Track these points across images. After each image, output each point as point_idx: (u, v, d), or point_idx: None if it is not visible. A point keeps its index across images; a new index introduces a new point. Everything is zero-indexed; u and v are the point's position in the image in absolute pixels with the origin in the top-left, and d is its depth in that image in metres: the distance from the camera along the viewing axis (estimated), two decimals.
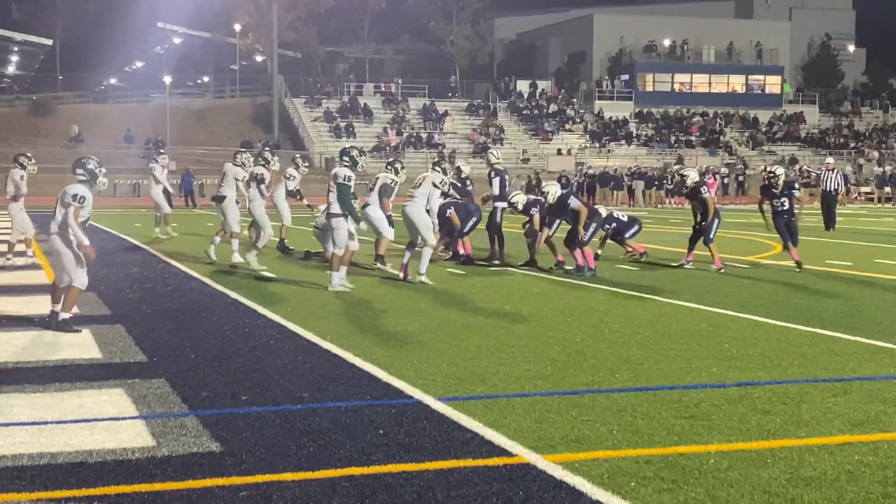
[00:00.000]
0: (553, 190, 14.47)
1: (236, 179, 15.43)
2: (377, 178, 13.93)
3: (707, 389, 7.06)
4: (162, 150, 22.59)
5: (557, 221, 14.66)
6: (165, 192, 21.08)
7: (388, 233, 13.80)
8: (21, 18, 70.98)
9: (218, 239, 15.74)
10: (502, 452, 5.48)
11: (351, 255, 12.90)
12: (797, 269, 14.60)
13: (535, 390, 6.98)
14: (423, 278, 13.02)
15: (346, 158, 12.48)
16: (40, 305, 10.84)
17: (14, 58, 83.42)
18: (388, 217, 13.84)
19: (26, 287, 12.68)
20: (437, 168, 14.50)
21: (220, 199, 15.55)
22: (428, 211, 13.46)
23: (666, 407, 6.52)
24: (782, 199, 14.81)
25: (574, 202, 14.38)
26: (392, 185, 13.88)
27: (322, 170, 49.52)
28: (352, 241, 12.65)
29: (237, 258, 15.04)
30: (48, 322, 9.42)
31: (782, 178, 14.94)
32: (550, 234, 14.69)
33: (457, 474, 5.09)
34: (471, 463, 5.28)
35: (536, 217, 14.85)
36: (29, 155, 16.09)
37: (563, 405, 6.54)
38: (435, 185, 13.58)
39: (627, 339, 9.07)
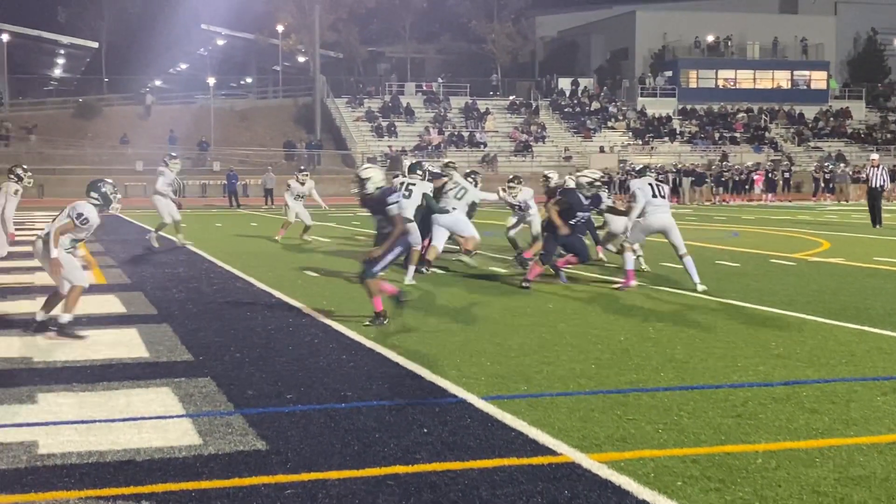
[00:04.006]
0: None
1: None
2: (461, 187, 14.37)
3: (754, 388, 6.98)
4: (174, 154, 20.73)
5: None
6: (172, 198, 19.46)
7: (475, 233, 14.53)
8: (67, 21, 72.00)
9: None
10: (547, 451, 5.45)
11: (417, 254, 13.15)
12: None
13: (580, 389, 6.95)
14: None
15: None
16: (89, 305, 10.98)
17: (61, 60, 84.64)
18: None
19: None
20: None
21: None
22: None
23: (712, 406, 6.46)
24: None
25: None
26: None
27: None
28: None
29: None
30: (36, 328, 9.20)
31: None
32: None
33: (501, 473, 5.08)
34: (515, 462, 5.26)
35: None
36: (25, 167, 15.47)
37: (607, 404, 6.50)
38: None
39: (672, 337, 9.00)
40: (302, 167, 24.69)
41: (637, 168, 14.90)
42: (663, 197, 12.78)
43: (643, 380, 7.27)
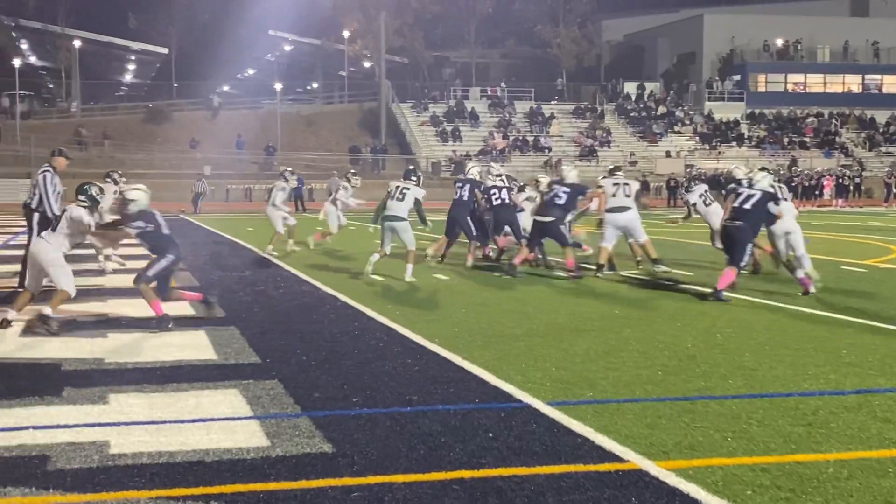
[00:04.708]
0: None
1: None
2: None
3: (825, 396, 6.87)
4: (290, 170, 21.05)
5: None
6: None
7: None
8: (138, 28, 73.24)
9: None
10: (614, 458, 5.41)
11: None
12: None
13: (646, 395, 6.89)
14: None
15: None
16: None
17: (131, 66, 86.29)
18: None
19: (139, 291, 12.98)
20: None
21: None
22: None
23: (782, 414, 6.36)
24: None
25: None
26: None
27: (431, 174, 49.76)
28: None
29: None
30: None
31: None
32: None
33: (568, 480, 5.05)
34: (582, 468, 5.23)
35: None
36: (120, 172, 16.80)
37: (674, 411, 6.44)
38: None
39: (740, 344, 8.88)
40: (353, 170, 24.73)
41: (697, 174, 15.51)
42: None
43: (711, 387, 7.18)
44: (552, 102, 65.16)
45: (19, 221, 21.92)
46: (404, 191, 14.36)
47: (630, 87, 67.20)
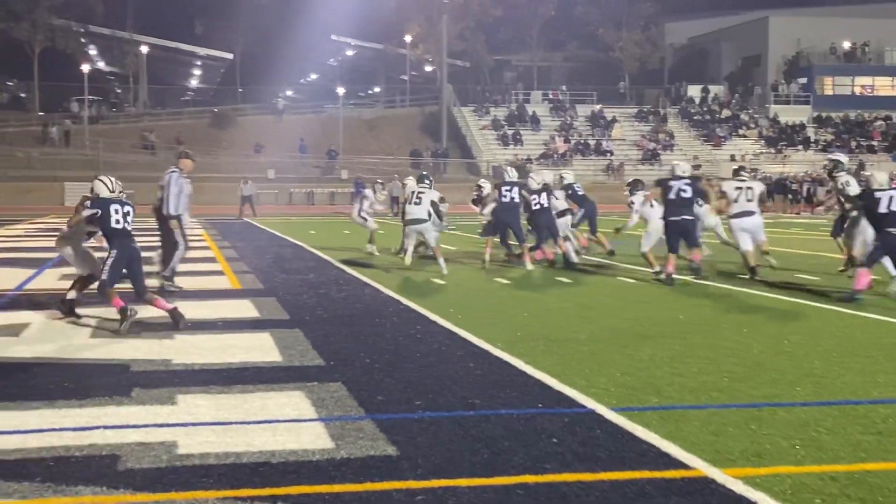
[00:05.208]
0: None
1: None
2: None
3: (895, 405, 6.73)
4: (381, 182, 21.90)
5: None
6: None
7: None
8: (203, 34, 74.21)
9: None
10: (679, 465, 5.36)
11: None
12: None
13: (712, 402, 6.81)
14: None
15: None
16: (224, 309, 11.30)
17: (197, 71, 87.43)
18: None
19: (211, 292, 13.19)
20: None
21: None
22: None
23: (851, 422, 6.26)
24: None
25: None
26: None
27: (492, 178, 49.74)
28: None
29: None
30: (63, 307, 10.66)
31: None
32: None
33: (633, 486, 5.01)
34: (647, 475, 5.19)
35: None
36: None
37: (741, 418, 6.36)
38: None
39: (809, 351, 8.75)
40: (380, 181, 24.74)
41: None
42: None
43: (778, 394, 7.08)
44: (615, 105, 64.76)
45: None
46: (420, 195, 15.76)
47: (694, 91, 66.56)
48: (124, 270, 10.12)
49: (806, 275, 14.46)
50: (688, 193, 13.90)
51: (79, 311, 10.62)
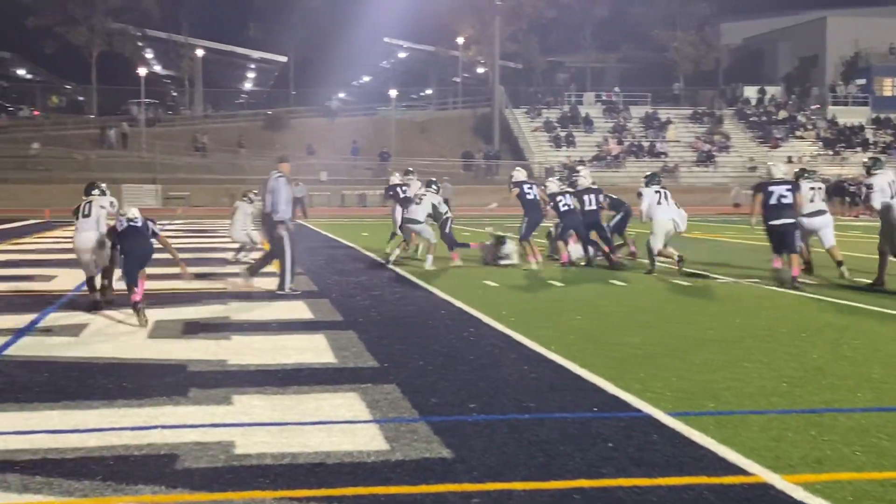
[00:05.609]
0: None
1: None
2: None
3: None
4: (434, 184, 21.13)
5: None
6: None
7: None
8: (257, 37, 74.79)
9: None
10: (738, 471, 5.29)
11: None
12: None
13: (771, 408, 6.72)
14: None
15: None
16: (278, 311, 11.38)
17: (251, 74, 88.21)
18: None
19: (265, 294, 13.27)
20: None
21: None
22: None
23: None
24: None
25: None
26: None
27: (542, 179, 49.56)
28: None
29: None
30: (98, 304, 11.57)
31: None
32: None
33: (690, 491, 4.96)
34: (705, 480, 5.13)
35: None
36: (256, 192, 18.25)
37: (801, 424, 6.26)
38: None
39: (869, 356, 8.60)
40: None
41: None
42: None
43: (838, 400, 6.97)
44: (669, 107, 64.24)
45: None
46: (422, 197, 17.10)
47: (750, 91, 65.81)
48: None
49: (865, 278, 14.21)
50: (788, 199, 13.67)
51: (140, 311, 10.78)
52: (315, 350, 8.90)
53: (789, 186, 13.81)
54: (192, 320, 10.62)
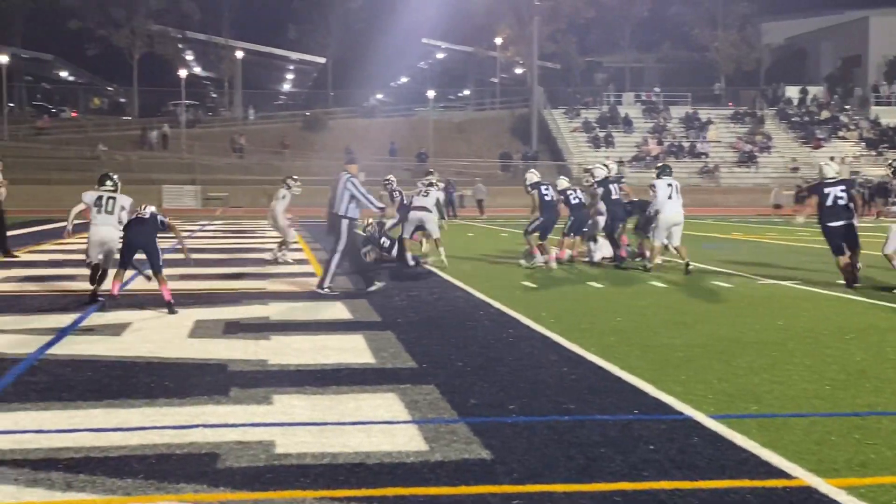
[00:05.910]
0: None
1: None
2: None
3: None
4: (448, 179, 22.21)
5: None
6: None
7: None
8: (296, 38, 75.26)
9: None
10: (781, 474, 5.24)
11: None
12: None
13: (814, 411, 6.64)
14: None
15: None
16: (317, 311, 11.42)
17: (290, 76, 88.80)
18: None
19: (304, 294, 13.32)
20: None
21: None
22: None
23: None
24: None
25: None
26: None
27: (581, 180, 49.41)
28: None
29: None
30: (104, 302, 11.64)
31: None
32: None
33: (733, 495, 4.91)
34: (748, 484, 5.08)
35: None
36: (295, 177, 18.66)
37: (844, 427, 6.19)
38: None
39: None
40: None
41: None
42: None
43: (883, 403, 6.88)
44: (709, 107, 63.79)
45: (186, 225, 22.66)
46: (429, 189, 17.50)
47: (792, 92, 65.22)
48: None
49: None
50: (844, 200, 13.61)
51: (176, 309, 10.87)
52: (354, 350, 8.91)
53: (844, 186, 13.70)
54: (232, 320, 10.68)
